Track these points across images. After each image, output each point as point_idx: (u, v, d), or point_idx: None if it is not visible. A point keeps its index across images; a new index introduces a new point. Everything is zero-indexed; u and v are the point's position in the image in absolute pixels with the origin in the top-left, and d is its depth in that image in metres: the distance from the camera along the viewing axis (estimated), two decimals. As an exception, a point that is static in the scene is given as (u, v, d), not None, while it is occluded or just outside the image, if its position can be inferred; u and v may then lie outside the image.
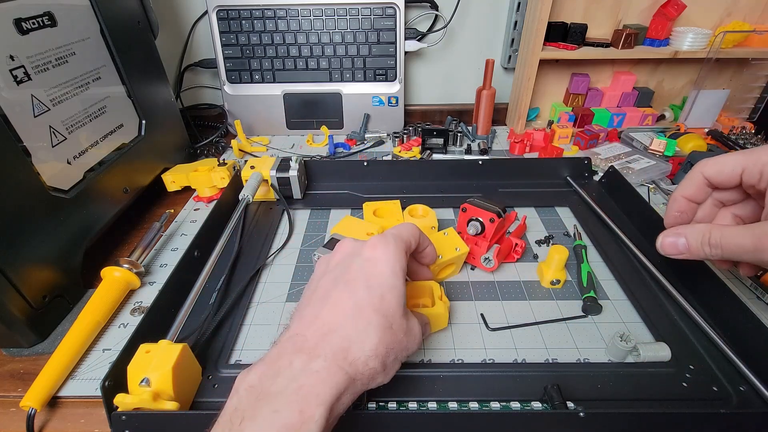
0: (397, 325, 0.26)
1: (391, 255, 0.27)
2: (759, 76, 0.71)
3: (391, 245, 0.27)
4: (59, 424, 0.32)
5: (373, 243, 0.27)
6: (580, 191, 0.54)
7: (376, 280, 0.26)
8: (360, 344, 0.24)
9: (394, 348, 0.25)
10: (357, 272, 0.26)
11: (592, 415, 0.27)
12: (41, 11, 0.39)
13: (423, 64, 0.80)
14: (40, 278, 0.37)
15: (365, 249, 0.27)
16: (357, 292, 0.25)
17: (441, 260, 0.39)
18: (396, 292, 0.26)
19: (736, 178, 0.29)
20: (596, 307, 0.38)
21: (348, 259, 0.28)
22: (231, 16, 0.68)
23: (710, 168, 0.30)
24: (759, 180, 0.28)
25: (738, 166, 0.29)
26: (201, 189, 0.56)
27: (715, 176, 0.30)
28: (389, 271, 0.26)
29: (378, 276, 0.26)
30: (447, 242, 0.41)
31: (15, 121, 0.35)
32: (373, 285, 0.26)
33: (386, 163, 0.61)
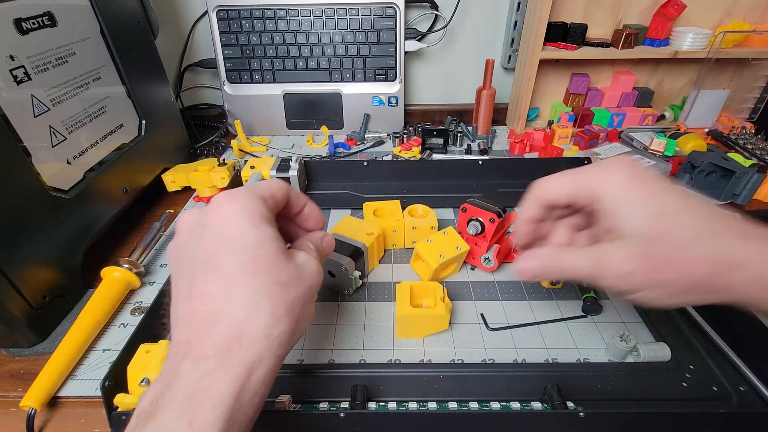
0: (285, 275, 0.22)
1: (242, 205, 0.23)
2: (759, 76, 0.71)
3: (238, 196, 0.23)
4: (59, 424, 0.32)
5: (217, 202, 0.23)
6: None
7: (238, 242, 0.22)
8: (252, 322, 0.21)
9: (297, 299, 0.22)
10: (211, 244, 0.22)
11: (592, 415, 0.27)
12: (41, 11, 0.39)
13: (423, 64, 0.80)
14: (40, 278, 0.37)
15: (210, 214, 0.23)
16: (221, 266, 0.21)
17: (442, 259, 0.39)
18: (266, 243, 0.22)
19: (567, 199, 0.27)
20: (596, 307, 0.38)
21: (195, 234, 0.23)
22: (231, 16, 0.68)
23: (542, 190, 0.29)
24: (590, 201, 0.26)
25: (568, 188, 0.27)
26: (201, 189, 0.56)
27: (548, 198, 0.28)
28: (248, 224, 0.22)
29: (237, 236, 0.22)
30: (447, 241, 0.41)
31: (15, 121, 0.35)
32: (237, 249, 0.22)
33: (386, 163, 0.61)
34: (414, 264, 0.44)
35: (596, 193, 0.25)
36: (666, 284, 0.23)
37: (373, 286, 0.43)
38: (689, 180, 0.57)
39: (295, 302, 0.22)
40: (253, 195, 0.24)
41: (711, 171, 0.55)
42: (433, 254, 0.40)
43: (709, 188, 0.56)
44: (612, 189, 0.24)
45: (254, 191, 0.24)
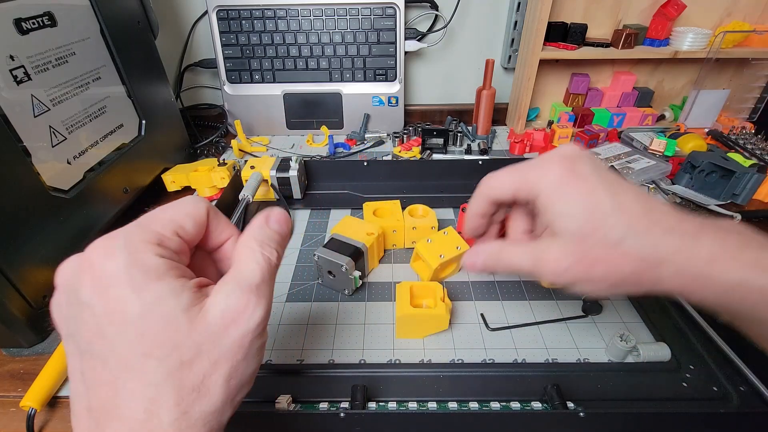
0: (189, 348, 0.17)
1: (119, 262, 0.17)
2: (759, 76, 0.71)
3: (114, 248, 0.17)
4: (59, 424, 0.32)
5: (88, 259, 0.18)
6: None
7: (119, 317, 0.17)
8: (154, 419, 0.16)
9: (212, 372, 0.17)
10: (90, 323, 0.17)
11: (592, 415, 0.27)
12: (41, 11, 0.39)
13: (423, 64, 0.80)
14: (40, 278, 0.37)
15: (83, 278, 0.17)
16: (107, 352, 0.17)
17: (442, 259, 0.39)
18: (154, 311, 0.17)
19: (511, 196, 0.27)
20: (596, 307, 0.38)
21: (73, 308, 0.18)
22: (231, 16, 0.68)
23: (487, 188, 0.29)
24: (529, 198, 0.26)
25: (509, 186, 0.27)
26: (201, 189, 0.56)
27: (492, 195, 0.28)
28: (127, 288, 0.17)
29: (116, 308, 0.17)
30: (447, 241, 0.41)
31: (15, 121, 0.35)
32: (121, 328, 0.17)
33: (386, 163, 0.61)
34: (414, 264, 0.44)
35: (534, 191, 0.25)
36: (599, 279, 0.23)
37: (373, 286, 0.43)
38: (689, 180, 0.57)
39: (212, 379, 0.17)
40: (138, 239, 0.18)
41: (711, 171, 0.55)
42: (433, 254, 0.40)
43: (709, 188, 0.56)
44: (547, 186, 0.25)
45: (144, 229, 0.18)
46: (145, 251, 0.18)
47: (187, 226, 0.19)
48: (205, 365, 0.17)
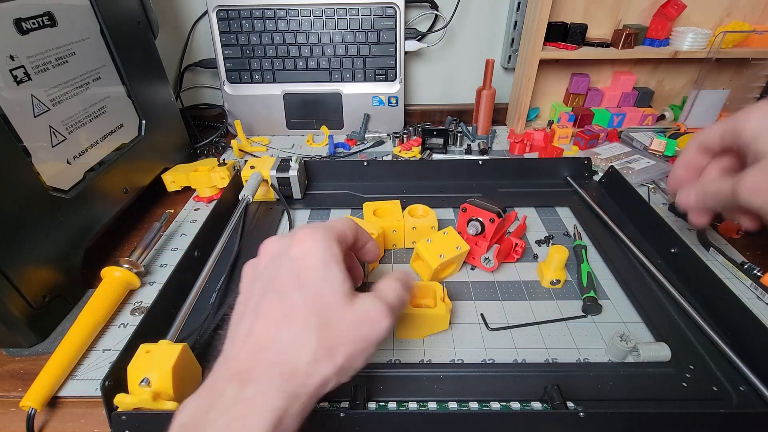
0: (337, 317, 0.22)
1: (321, 245, 0.24)
2: (759, 76, 0.71)
3: (319, 235, 0.24)
4: (59, 424, 0.32)
5: (300, 237, 0.24)
6: (580, 191, 0.54)
7: (308, 277, 0.23)
8: (296, 354, 0.21)
9: (342, 344, 0.22)
10: (286, 275, 0.23)
11: (592, 415, 0.27)
12: (41, 11, 0.39)
13: (423, 64, 0.80)
14: (40, 278, 0.37)
15: (293, 246, 0.24)
16: (288, 297, 0.23)
17: (442, 259, 0.39)
18: (331, 283, 0.23)
19: (719, 140, 0.33)
20: (596, 307, 0.38)
21: (276, 261, 0.25)
22: (231, 16, 0.68)
23: (697, 136, 0.35)
24: (735, 138, 0.31)
25: (717, 129, 0.33)
26: (201, 189, 0.56)
27: (702, 141, 0.34)
28: (320, 263, 0.23)
29: (308, 271, 0.23)
30: (447, 241, 0.41)
31: (15, 121, 0.35)
32: (305, 283, 0.23)
33: (386, 163, 0.61)
34: (414, 264, 0.44)
35: (738, 128, 0.31)
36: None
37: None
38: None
39: (339, 349, 0.22)
40: (331, 236, 0.25)
41: (711, 171, 0.55)
42: (433, 254, 0.40)
43: (709, 188, 0.56)
44: (751, 122, 0.30)
45: (332, 232, 0.25)
46: (333, 241, 0.25)
47: (348, 235, 0.27)
48: (341, 337, 0.22)
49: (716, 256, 0.45)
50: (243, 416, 0.19)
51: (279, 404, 0.20)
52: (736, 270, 0.43)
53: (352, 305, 0.23)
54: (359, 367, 0.23)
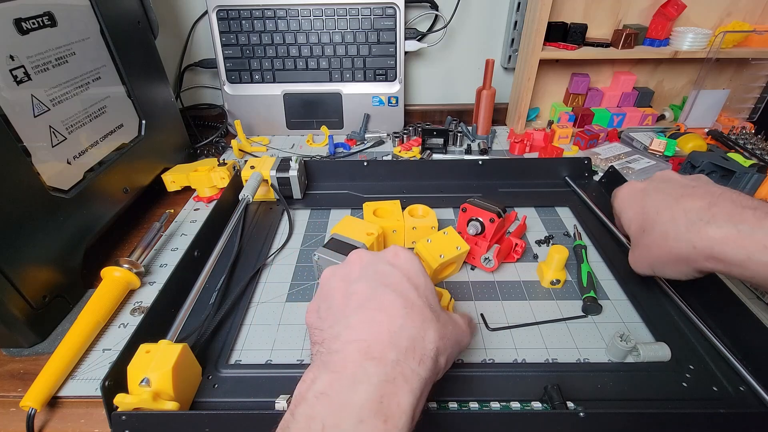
0: (444, 318, 0.26)
1: (417, 260, 0.28)
2: (759, 76, 0.71)
3: (409, 252, 0.29)
4: (59, 424, 0.32)
5: (394, 251, 0.29)
6: (580, 191, 0.54)
7: (416, 282, 0.27)
8: (423, 341, 0.24)
9: (450, 340, 0.26)
10: (397, 276, 0.27)
11: (592, 415, 0.27)
12: (41, 11, 0.39)
13: (423, 64, 0.80)
14: (40, 278, 0.37)
15: (388, 256, 0.28)
16: (405, 293, 0.26)
17: (442, 259, 0.39)
18: (432, 291, 0.27)
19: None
20: (596, 307, 0.38)
21: (377, 266, 0.28)
22: (231, 16, 0.68)
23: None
24: None
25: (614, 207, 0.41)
26: (201, 189, 0.56)
27: None
28: (422, 274, 0.28)
29: (415, 277, 0.27)
30: (447, 241, 0.41)
31: (15, 121, 0.35)
32: (415, 283, 0.26)
33: (386, 163, 0.61)
34: None
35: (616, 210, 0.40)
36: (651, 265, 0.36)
37: (373, 286, 0.42)
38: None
39: (448, 343, 0.25)
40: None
41: (711, 171, 0.55)
42: (433, 254, 0.40)
43: (709, 188, 0.56)
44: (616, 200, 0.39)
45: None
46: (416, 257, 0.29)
47: None
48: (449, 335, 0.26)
49: (716, 256, 0.45)
50: (391, 393, 0.21)
51: (417, 387, 0.22)
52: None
53: (449, 313, 0.28)
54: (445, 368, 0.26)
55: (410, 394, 0.21)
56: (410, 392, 0.21)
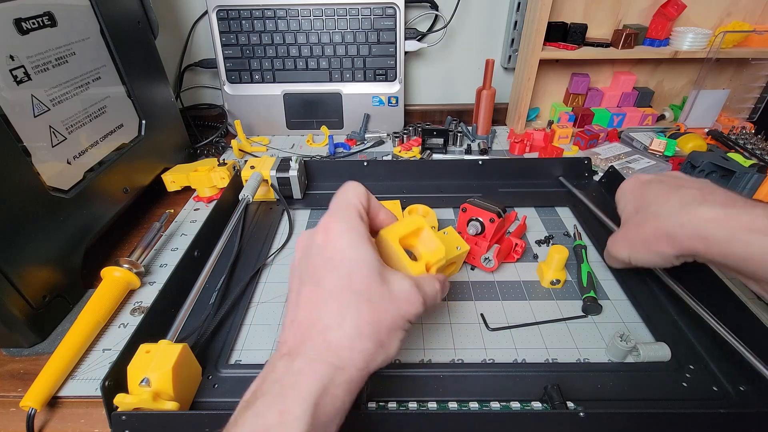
0: (377, 295, 0.24)
1: (345, 227, 0.25)
2: (759, 76, 0.71)
3: (340, 217, 0.26)
4: (59, 424, 0.32)
5: (324, 224, 0.26)
6: (580, 191, 0.54)
7: (338, 260, 0.24)
8: (339, 330, 0.23)
9: (383, 320, 0.24)
10: (317, 261, 0.25)
11: (592, 415, 0.27)
12: (41, 11, 0.39)
13: (423, 64, 0.80)
14: (40, 278, 0.37)
15: (318, 234, 0.26)
16: (322, 280, 0.24)
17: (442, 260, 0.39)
18: (362, 264, 0.24)
19: None
20: (596, 307, 0.38)
21: (307, 251, 0.26)
22: (231, 16, 0.68)
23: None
24: None
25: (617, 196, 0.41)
26: (201, 189, 0.56)
27: None
28: (347, 245, 0.25)
29: (338, 255, 0.25)
30: (447, 241, 0.41)
31: (15, 121, 0.35)
32: (337, 266, 0.24)
33: (386, 163, 0.61)
34: None
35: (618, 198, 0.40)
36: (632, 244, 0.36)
37: (373, 286, 0.42)
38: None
39: (380, 323, 0.24)
40: (353, 214, 0.26)
41: (711, 171, 0.55)
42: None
43: (709, 188, 0.56)
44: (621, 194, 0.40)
45: (352, 208, 0.26)
46: (356, 220, 0.26)
47: (361, 201, 0.27)
48: (383, 313, 0.24)
49: (716, 256, 0.45)
50: (290, 384, 0.21)
51: (324, 374, 0.22)
52: (736, 270, 0.42)
53: (389, 283, 0.25)
54: (397, 348, 0.25)
55: (315, 382, 0.21)
56: (314, 381, 0.21)
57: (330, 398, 0.22)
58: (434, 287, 0.27)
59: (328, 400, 0.22)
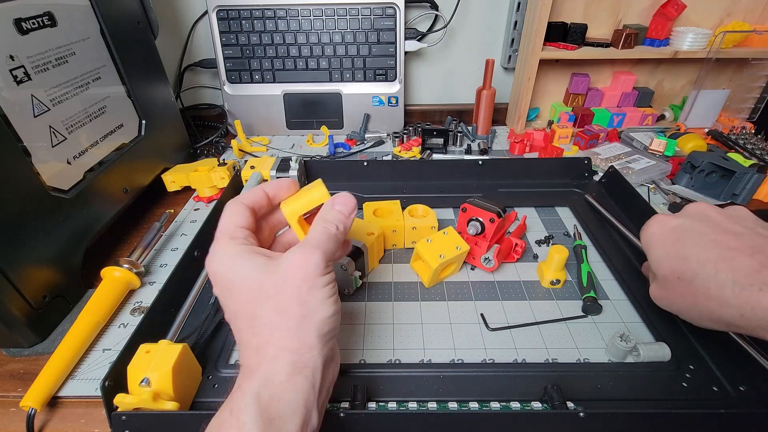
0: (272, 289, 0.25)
1: (218, 252, 0.27)
2: (759, 76, 0.71)
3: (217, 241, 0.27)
4: (59, 424, 0.32)
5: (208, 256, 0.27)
6: (580, 191, 0.54)
7: (226, 287, 0.26)
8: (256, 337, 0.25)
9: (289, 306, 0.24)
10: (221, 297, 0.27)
11: (592, 415, 0.27)
12: (41, 11, 0.39)
13: (423, 64, 0.80)
14: (40, 278, 0.37)
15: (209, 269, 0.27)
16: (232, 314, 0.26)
17: (442, 259, 0.39)
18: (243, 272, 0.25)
19: None
20: (596, 307, 0.38)
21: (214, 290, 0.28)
22: (231, 16, 0.68)
23: None
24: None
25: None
26: (201, 189, 0.56)
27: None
28: (221, 269, 0.26)
29: (224, 284, 0.26)
30: (447, 241, 0.41)
31: (15, 121, 0.35)
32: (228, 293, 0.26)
33: (386, 163, 0.61)
34: (414, 264, 0.44)
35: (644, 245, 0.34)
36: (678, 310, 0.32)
37: (373, 286, 0.43)
38: (689, 180, 0.57)
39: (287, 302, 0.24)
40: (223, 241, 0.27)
41: (711, 171, 0.55)
42: (433, 254, 0.40)
43: (709, 188, 0.56)
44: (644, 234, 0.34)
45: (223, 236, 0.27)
46: (226, 245, 0.27)
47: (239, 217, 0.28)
48: (284, 298, 0.24)
49: (716, 256, 0.45)
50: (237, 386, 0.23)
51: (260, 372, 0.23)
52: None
53: (275, 269, 0.25)
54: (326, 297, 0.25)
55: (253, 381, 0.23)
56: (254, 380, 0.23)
57: (277, 386, 0.23)
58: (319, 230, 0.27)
59: (276, 389, 0.22)
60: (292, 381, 0.23)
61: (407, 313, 0.39)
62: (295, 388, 0.23)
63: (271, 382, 0.23)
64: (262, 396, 0.22)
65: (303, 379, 0.23)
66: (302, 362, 0.24)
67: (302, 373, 0.23)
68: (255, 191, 0.30)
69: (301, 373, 0.23)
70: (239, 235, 0.27)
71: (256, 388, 0.22)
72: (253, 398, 0.22)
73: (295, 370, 0.23)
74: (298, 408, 0.22)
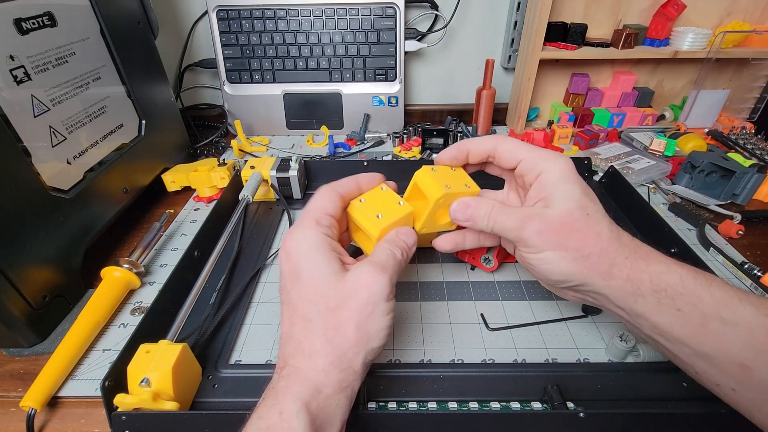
0: (334, 298, 0.25)
1: (298, 238, 0.27)
2: (759, 76, 0.71)
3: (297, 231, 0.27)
4: (59, 424, 0.32)
5: (283, 240, 0.28)
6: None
7: (296, 274, 0.26)
8: (308, 343, 0.25)
9: (347, 318, 0.25)
10: (285, 276, 0.27)
11: (592, 415, 0.27)
12: (41, 11, 0.39)
13: (423, 64, 0.80)
14: (40, 278, 0.37)
15: (283, 241, 0.28)
16: (288, 298, 0.26)
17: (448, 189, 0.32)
18: (316, 272, 0.26)
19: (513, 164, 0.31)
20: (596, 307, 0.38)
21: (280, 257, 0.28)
22: (231, 16, 0.68)
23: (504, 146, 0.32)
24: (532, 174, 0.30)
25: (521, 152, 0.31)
26: (201, 189, 0.56)
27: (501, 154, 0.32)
28: (302, 256, 0.26)
29: (296, 269, 0.26)
30: (455, 178, 0.34)
31: (15, 121, 0.35)
32: (296, 281, 0.26)
33: (386, 163, 0.61)
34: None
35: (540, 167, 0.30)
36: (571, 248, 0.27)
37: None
38: (689, 180, 0.57)
39: (348, 323, 0.25)
40: (309, 222, 0.27)
41: (711, 171, 0.55)
42: (437, 185, 0.32)
43: (709, 188, 0.56)
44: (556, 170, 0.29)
45: (309, 216, 0.28)
46: (312, 231, 0.27)
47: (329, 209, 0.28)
48: (344, 312, 0.25)
49: (716, 256, 0.45)
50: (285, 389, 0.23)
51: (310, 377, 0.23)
52: (736, 270, 0.42)
53: (344, 281, 0.25)
54: (383, 329, 0.25)
55: (302, 384, 0.23)
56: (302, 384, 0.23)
57: (324, 399, 0.23)
58: (387, 253, 0.27)
59: (322, 401, 0.23)
60: (336, 397, 0.24)
61: (407, 313, 0.39)
62: (338, 404, 0.24)
63: (319, 393, 0.23)
64: (311, 405, 0.22)
65: (345, 398, 0.24)
66: (347, 382, 0.24)
67: (344, 392, 0.24)
68: (348, 181, 0.31)
69: (343, 392, 0.24)
70: (325, 223, 0.28)
71: (307, 397, 0.23)
72: (304, 406, 0.22)
73: (340, 387, 0.24)
74: (336, 423, 0.23)
